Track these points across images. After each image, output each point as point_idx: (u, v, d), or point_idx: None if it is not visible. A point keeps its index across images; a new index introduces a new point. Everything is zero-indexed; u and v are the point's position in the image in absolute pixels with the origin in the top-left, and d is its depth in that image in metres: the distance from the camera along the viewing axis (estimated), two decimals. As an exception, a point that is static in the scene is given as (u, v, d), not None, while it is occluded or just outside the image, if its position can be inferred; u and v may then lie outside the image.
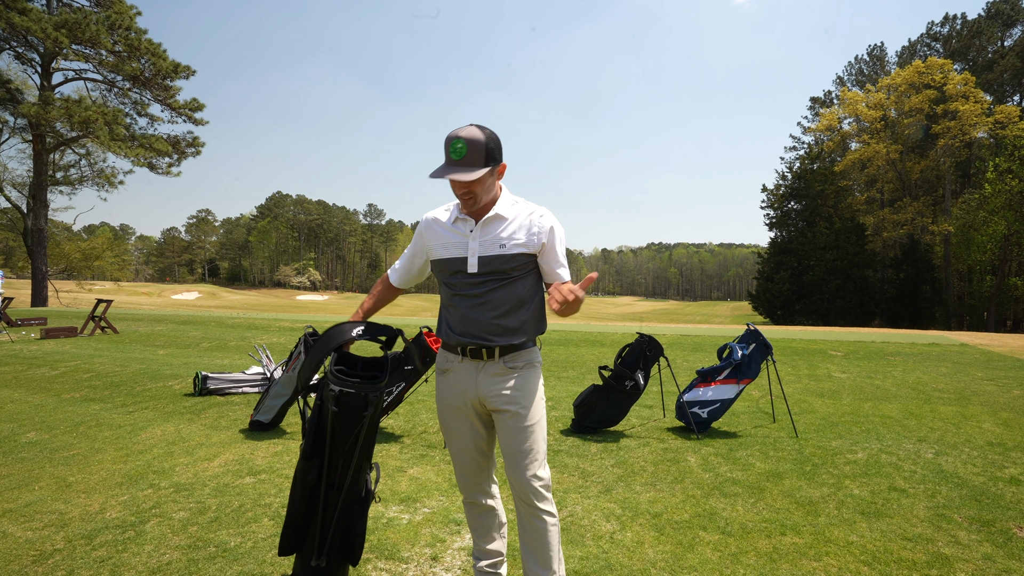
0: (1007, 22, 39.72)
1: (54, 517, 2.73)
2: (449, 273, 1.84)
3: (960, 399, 5.63)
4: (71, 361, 8.01)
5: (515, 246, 1.79)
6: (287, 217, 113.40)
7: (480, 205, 1.78)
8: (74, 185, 27.13)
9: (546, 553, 1.79)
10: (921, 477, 3.33)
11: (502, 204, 1.83)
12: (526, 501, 1.79)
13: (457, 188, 1.73)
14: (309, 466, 1.83)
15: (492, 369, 1.82)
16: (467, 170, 1.67)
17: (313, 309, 48.30)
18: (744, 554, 2.37)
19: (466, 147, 1.66)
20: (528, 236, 1.81)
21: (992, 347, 9.94)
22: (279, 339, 10.85)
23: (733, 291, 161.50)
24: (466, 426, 1.88)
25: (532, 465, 1.79)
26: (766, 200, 41.58)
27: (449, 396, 1.89)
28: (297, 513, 1.87)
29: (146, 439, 4.15)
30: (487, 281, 1.79)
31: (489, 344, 1.79)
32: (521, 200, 1.89)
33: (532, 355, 1.88)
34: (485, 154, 1.69)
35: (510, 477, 1.81)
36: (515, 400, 1.80)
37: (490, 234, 1.80)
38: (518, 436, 1.80)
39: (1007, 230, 29.50)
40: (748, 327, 4.53)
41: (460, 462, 1.92)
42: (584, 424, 4.32)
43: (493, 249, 1.79)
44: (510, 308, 1.81)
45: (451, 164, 1.69)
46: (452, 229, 1.85)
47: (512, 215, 1.83)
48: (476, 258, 1.79)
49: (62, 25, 22.34)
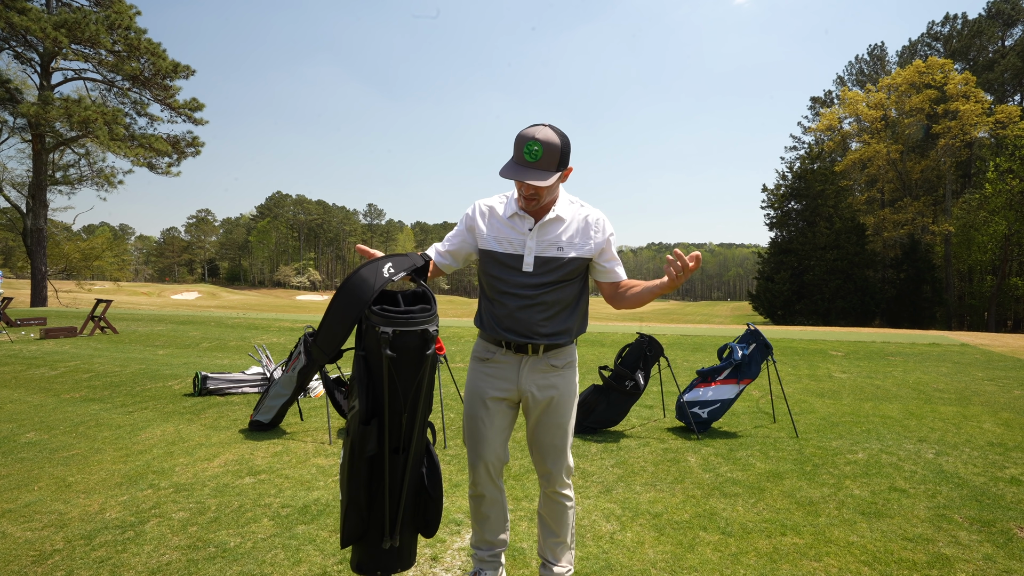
0: (1008, 22, 39.71)
1: (53, 517, 2.73)
2: (501, 268, 1.82)
3: (961, 399, 5.63)
4: (71, 361, 8.00)
5: (572, 250, 1.81)
6: (287, 217, 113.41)
7: (541, 205, 1.79)
8: (73, 185, 27.15)
9: (564, 528, 1.99)
10: (922, 477, 3.33)
11: (561, 205, 1.84)
12: (553, 487, 1.94)
13: (525, 189, 1.73)
14: (367, 432, 1.51)
15: (536, 365, 1.85)
16: (540, 175, 1.66)
17: (313, 309, 48.29)
18: (744, 554, 2.37)
19: (542, 151, 1.64)
20: (584, 240, 1.83)
21: (993, 347, 9.93)
22: (279, 339, 10.85)
23: (733, 291, 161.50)
24: (498, 416, 1.89)
25: (563, 457, 1.92)
26: (766, 200, 41.59)
27: (487, 385, 1.89)
28: (359, 493, 1.56)
29: (146, 439, 4.14)
30: (541, 284, 1.79)
31: (535, 341, 1.81)
32: (576, 199, 1.91)
33: (573, 354, 1.94)
34: (559, 159, 1.69)
35: (540, 467, 1.95)
36: (556, 398, 1.87)
37: (548, 235, 1.81)
38: (554, 432, 1.90)
39: (1008, 230, 29.50)
40: (748, 327, 4.53)
41: (484, 452, 1.89)
42: (584, 424, 4.31)
43: (551, 251, 1.80)
44: (559, 310, 1.83)
45: (523, 165, 1.68)
46: (509, 224, 1.83)
47: (569, 217, 1.84)
48: (533, 257, 1.79)
49: (61, 25, 22.34)
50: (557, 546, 2.00)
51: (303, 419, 4.71)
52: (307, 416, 4.82)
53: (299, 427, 4.48)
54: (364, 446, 1.51)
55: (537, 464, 1.96)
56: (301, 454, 3.75)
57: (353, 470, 1.55)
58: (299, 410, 4.79)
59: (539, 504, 2.02)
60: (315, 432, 4.33)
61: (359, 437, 1.52)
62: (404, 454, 1.57)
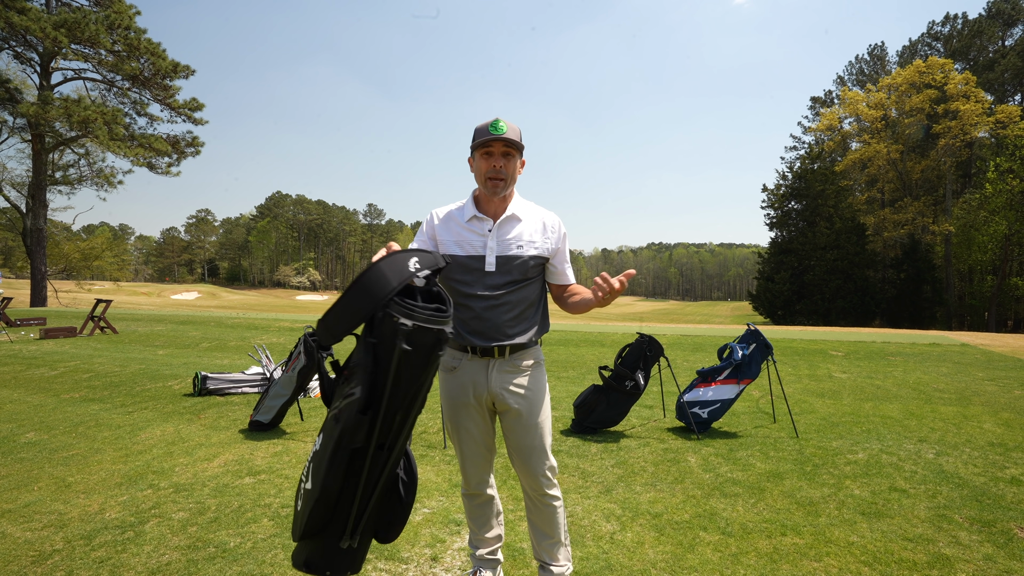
0: (1008, 21, 39.70)
1: (53, 518, 2.73)
2: (464, 271, 1.84)
3: (961, 399, 5.62)
4: (70, 361, 8.00)
5: (532, 248, 1.86)
6: (287, 217, 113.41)
7: (506, 191, 1.84)
8: (73, 185, 27.16)
9: (555, 529, 1.98)
10: (922, 477, 3.32)
11: (516, 205, 1.90)
12: (537, 490, 1.93)
13: (494, 162, 1.79)
14: (360, 422, 1.44)
15: (503, 367, 1.86)
16: (511, 141, 1.78)
17: (313, 309, 48.28)
18: (744, 554, 2.36)
19: (507, 126, 1.78)
20: (543, 239, 1.89)
21: (993, 347, 9.93)
22: (279, 339, 10.85)
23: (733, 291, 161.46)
24: (475, 422, 1.91)
25: (541, 458, 1.91)
26: (766, 200, 41.58)
27: (457, 393, 1.90)
28: (333, 485, 1.48)
29: (145, 439, 4.14)
30: (504, 284, 1.82)
31: (500, 343, 1.83)
32: (529, 202, 1.97)
33: (538, 353, 1.96)
34: (520, 139, 1.82)
35: (520, 470, 1.93)
36: (526, 398, 1.88)
37: (507, 234, 1.85)
38: (528, 433, 1.89)
39: (1008, 230, 29.47)
40: (748, 327, 4.52)
41: (468, 457, 1.95)
42: (584, 424, 4.31)
43: (511, 249, 1.84)
44: (523, 310, 1.87)
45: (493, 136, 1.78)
46: (468, 227, 1.86)
47: (525, 216, 1.90)
48: (495, 257, 1.82)
49: (61, 24, 22.33)
50: (552, 547, 2.00)
51: (303, 419, 4.71)
52: (307, 416, 4.81)
53: (299, 427, 4.48)
54: (354, 436, 1.43)
55: (519, 468, 1.94)
56: (301, 454, 3.75)
57: (335, 459, 1.45)
58: (299, 410, 4.79)
59: (527, 509, 2.00)
60: (315, 432, 4.32)
61: (352, 426, 1.43)
62: (388, 451, 1.51)
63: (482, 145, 1.79)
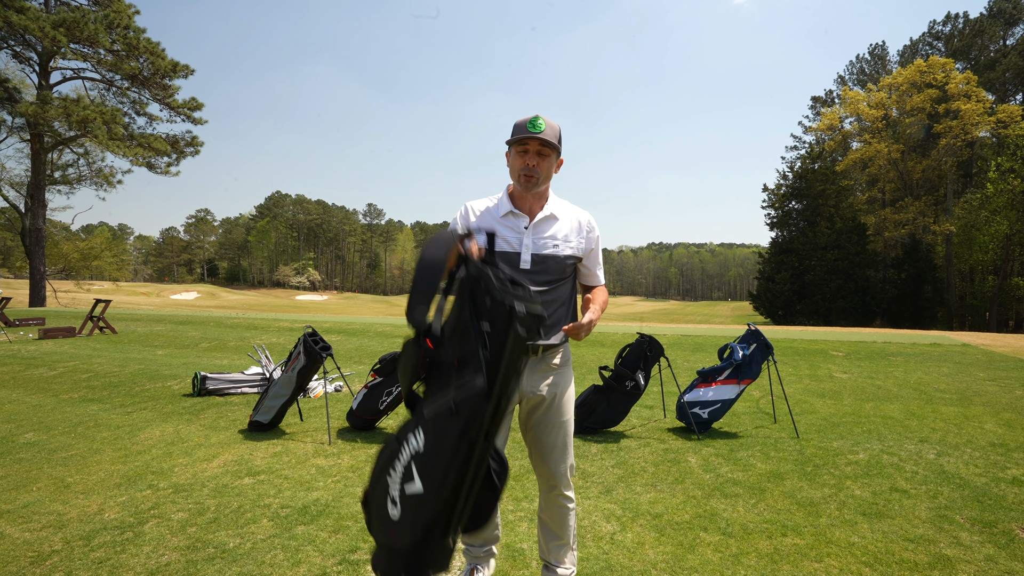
0: (1009, 21, 39.69)
1: (52, 518, 2.72)
2: None
3: (962, 400, 5.62)
4: (69, 361, 8.00)
5: (568, 248, 1.85)
6: (286, 217, 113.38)
7: (539, 188, 1.82)
8: (72, 185, 27.17)
9: (566, 530, 1.98)
10: (923, 478, 3.32)
11: (553, 203, 1.89)
12: (555, 489, 1.92)
13: (528, 160, 1.77)
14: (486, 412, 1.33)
15: (535, 367, 1.86)
16: (548, 141, 1.75)
17: (312, 309, 48.31)
18: (745, 555, 2.36)
19: (545, 124, 1.75)
20: (579, 239, 1.89)
21: (994, 347, 9.92)
22: (278, 339, 10.84)
23: (734, 291, 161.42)
24: None
25: (565, 457, 1.92)
26: (767, 200, 41.58)
27: None
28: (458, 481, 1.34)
29: (145, 440, 4.13)
30: (540, 283, 1.81)
31: (534, 343, 1.81)
32: (564, 200, 1.95)
33: (567, 353, 1.95)
34: (559, 139, 1.80)
35: (541, 468, 1.92)
36: (555, 397, 1.88)
37: (544, 233, 1.84)
38: (554, 431, 1.89)
39: (1009, 230, 29.46)
40: (749, 327, 4.51)
41: None
42: (584, 424, 4.30)
43: (547, 248, 1.83)
44: (556, 309, 1.86)
45: (530, 134, 1.75)
46: (503, 222, 1.85)
47: (562, 215, 1.89)
48: (530, 255, 1.81)
49: (60, 24, 22.33)
50: (560, 549, 2.00)
51: (303, 419, 4.70)
52: (307, 416, 4.81)
53: (299, 427, 4.47)
54: (480, 427, 1.32)
55: (540, 467, 1.94)
56: (300, 455, 3.74)
57: (458, 453, 1.33)
58: (299, 410, 4.78)
59: (540, 508, 2.00)
60: (314, 432, 4.32)
61: (477, 416, 1.31)
62: (489, 440, 1.38)
63: (518, 142, 1.78)
